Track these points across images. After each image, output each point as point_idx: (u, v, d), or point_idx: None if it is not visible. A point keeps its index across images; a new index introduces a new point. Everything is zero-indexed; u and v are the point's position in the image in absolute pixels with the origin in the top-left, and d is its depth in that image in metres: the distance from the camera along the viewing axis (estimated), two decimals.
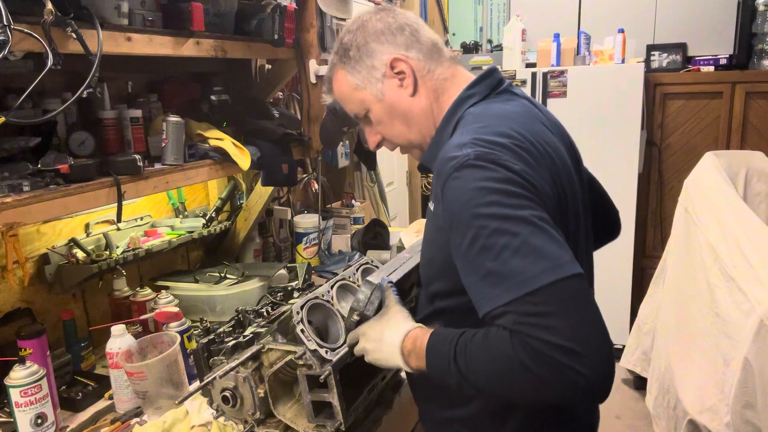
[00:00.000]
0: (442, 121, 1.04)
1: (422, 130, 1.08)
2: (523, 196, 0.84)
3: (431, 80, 1.06)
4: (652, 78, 3.81)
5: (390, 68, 1.04)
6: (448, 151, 0.91)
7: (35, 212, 1.16)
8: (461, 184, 0.86)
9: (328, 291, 1.26)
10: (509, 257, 0.80)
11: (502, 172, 0.85)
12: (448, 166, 0.89)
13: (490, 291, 0.82)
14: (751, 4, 3.67)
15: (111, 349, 1.36)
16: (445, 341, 0.90)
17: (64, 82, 1.42)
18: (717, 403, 2.09)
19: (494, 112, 0.99)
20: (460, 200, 0.86)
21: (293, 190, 2.51)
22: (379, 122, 1.09)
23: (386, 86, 1.05)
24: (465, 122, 0.99)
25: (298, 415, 1.18)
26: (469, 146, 0.89)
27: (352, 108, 1.11)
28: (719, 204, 2.57)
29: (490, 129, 0.92)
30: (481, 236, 0.83)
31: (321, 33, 1.95)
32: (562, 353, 0.75)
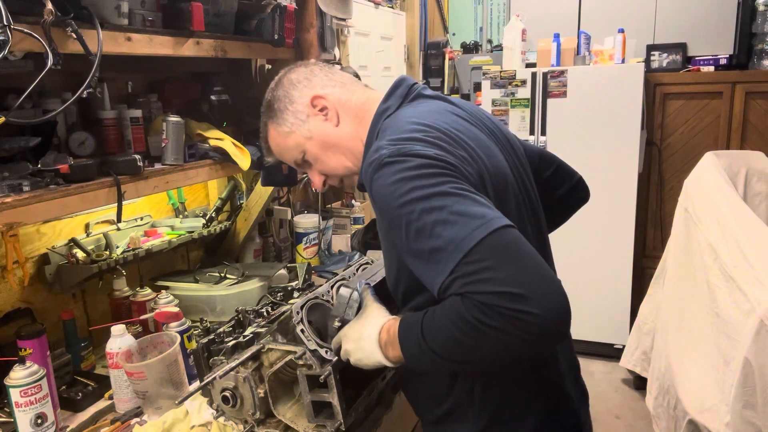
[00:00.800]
0: (366, 139, 1.11)
1: (355, 154, 1.13)
2: (440, 174, 0.88)
3: (351, 107, 1.14)
4: (652, 78, 3.81)
5: (312, 107, 1.13)
6: (367, 158, 0.97)
7: (35, 212, 1.16)
8: (381, 182, 0.91)
9: (328, 291, 1.26)
10: (441, 230, 0.84)
11: (416, 161, 0.90)
12: (369, 171, 0.94)
13: (435, 267, 0.85)
14: (751, 4, 3.67)
15: (111, 349, 1.36)
16: (412, 323, 0.92)
17: (64, 82, 1.42)
18: (717, 403, 2.09)
19: (404, 116, 1.05)
20: (385, 198, 0.91)
21: (293, 190, 2.51)
22: (316, 159, 1.16)
23: (312, 124, 1.13)
24: (381, 131, 1.05)
25: (298, 415, 1.18)
26: (383, 148, 0.94)
27: (291, 156, 1.18)
28: (719, 204, 2.57)
29: (400, 128, 0.99)
30: (411, 222, 0.87)
31: (321, 33, 1.95)
32: (508, 299, 0.78)
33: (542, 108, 3.62)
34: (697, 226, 2.59)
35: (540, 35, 3.81)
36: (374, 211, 1.00)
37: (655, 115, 3.88)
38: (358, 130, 1.13)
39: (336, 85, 1.15)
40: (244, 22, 1.73)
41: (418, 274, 0.90)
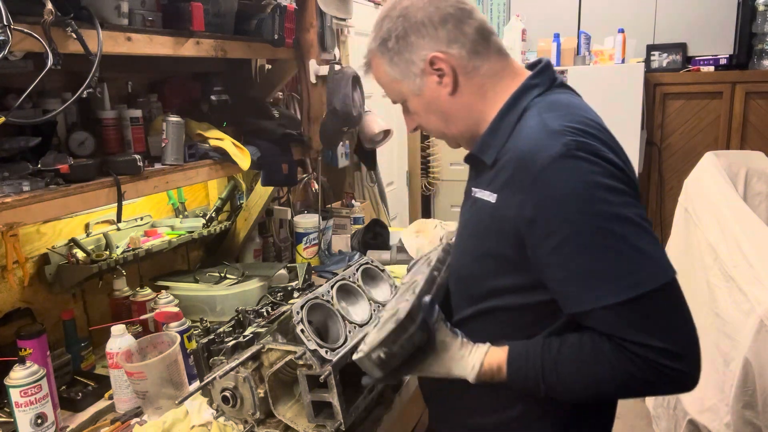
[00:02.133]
0: (501, 111, 0.97)
1: (460, 127, 1.03)
2: (625, 192, 0.82)
3: (476, 77, 0.98)
4: (652, 78, 3.81)
5: (429, 65, 0.97)
6: (535, 137, 0.87)
7: (35, 212, 1.16)
8: (565, 176, 0.82)
9: (328, 291, 1.26)
10: (614, 259, 0.79)
11: (605, 166, 0.82)
12: (543, 155, 0.83)
13: (588, 291, 0.80)
14: (751, 4, 3.67)
15: (111, 349, 1.36)
16: (528, 365, 0.88)
17: (64, 82, 1.42)
18: (717, 403, 2.09)
19: (569, 102, 0.95)
20: (563, 193, 0.82)
21: (293, 190, 2.51)
22: (415, 113, 1.05)
23: (425, 82, 0.99)
24: (539, 109, 0.93)
25: (298, 415, 1.18)
26: (565, 134, 0.84)
27: (390, 95, 1.07)
28: (719, 204, 2.57)
29: (574, 118, 0.88)
30: (582, 234, 0.80)
31: (321, 33, 1.95)
32: (667, 357, 0.77)
33: None
34: (697, 226, 2.59)
35: (540, 35, 3.81)
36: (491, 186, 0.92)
37: (655, 115, 3.88)
38: (477, 103, 1.00)
39: (465, 43, 0.96)
40: (244, 22, 1.73)
41: (553, 281, 0.85)
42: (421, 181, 4.51)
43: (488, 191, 0.94)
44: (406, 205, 4.32)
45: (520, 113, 0.95)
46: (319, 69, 1.96)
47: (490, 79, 0.99)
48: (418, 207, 4.49)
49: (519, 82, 0.98)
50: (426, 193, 4.57)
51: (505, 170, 0.91)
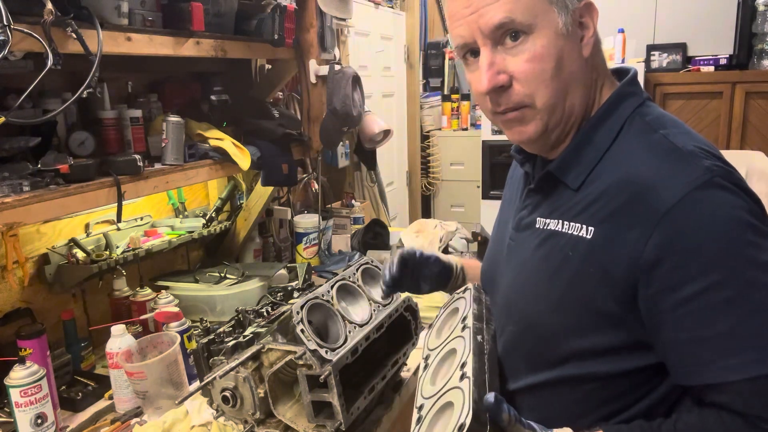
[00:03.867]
0: (596, 118, 0.80)
1: (574, 105, 0.79)
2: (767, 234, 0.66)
3: (599, 55, 0.82)
4: (652, 78, 3.81)
5: (581, 13, 0.79)
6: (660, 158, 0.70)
7: (35, 212, 1.16)
8: (706, 211, 0.65)
9: (328, 291, 1.26)
10: (764, 320, 0.64)
11: (749, 201, 0.67)
12: (677, 181, 0.67)
13: (726, 357, 0.65)
14: (751, 4, 3.67)
15: (111, 349, 1.36)
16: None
17: (64, 82, 1.42)
18: None
19: (677, 120, 0.79)
20: (705, 232, 0.65)
21: (293, 190, 2.51)
22: (535, 59, 0.75)
23: (571, 27, 0.77)
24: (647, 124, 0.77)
25: (298, 415, 1.18)
26: (701, 156, 0.68)
27: (512, 9, 0.74)
28: None
29: (701, 138, 0.73)
30: (729, 284, 0.64)
31: (321, 33, 1.95)
32: None
33: None
34: None
35: None
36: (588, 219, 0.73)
37: None
38: (591, 85, 0.81)
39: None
40: (244, 22, 1.73)
41: (667, 340, 0.68)
42: (421, 181, 4.51)
43: (577, 223, 0.76)
44: (406, 205, 4.32)
45: (619, 126, 0.78)
46: (319, 69, 1.96)
47: (602, 65, 0.83)
48: (418, 207, 4.49)
49: (614, 86, 0.83)
50: (426, 193, 4.57)
51: (611, 197, 0.73)
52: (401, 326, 1.31)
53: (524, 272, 0.85)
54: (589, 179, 0.77)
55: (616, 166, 0.75)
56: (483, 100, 0.81)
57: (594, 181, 0.77)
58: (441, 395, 0.81)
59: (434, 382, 0.90)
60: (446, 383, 0.83)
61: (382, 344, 1.28)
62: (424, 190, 4.55)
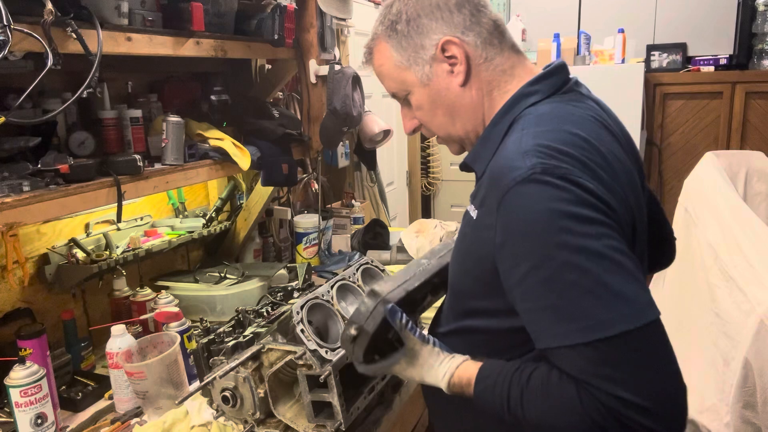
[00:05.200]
0: (495, 117, 0.92)
1: (467, 125, 0.95)
2: (597, 221, 0.74)
3: (487, 71, 0.92)
4: (652, 78, 3.81)
5: (441, 51, 0.91)
6: (507, 157, 0.81)
7: (35, 212, 1.16)
8: (526, 203, 0.75)
9: (328, 291, 1.26)
10: (578, 296, 0.72)
11: (575, 192, 0.74)
12: (508, 177, 0.77)
13: (553, 327, 0.74)
14: (751, 4, 3.67)
15: (111, 349, 1.36)
16: (495, 389, 0.82)
17: (64, 82, 1.42)
18: (717, 403, 2.09)
19: (559, 115, 0.87)
20: (524, 222, 0.75)
21: (293, 190, 2.51)
22: (419, 108, 0.97)
23: (434, 70, 0.92)
24: (524, 122, 0.86)
25: (298, 415, 1.18)
26: (533, 155, 0.77)
27: (391, 86, 0.99)
28: (719, 204, 2.57)
29: (555, 135, 0.81)
30: (544, 267, 0.73)
31: (321, 33, 1.95)
32: (636, 411, 0.69)
33: None
34: (697, 225, 2.59)
35: (540, 35, 3.81)
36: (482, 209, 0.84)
37: (655, 115, 3.88)
38: (484, 101, 0.93)
39: (481, 34, 0.91)
40: (244, 22, 1.73)
41: (521, 311, 0.79)
42: (421, 181, 4.51)
43: (473, 205, 0.89)
44: (406, 205, 4.32)
45: (509, 124, 0.89)
46: (319, 69, 1.96)
47: (500, 76, 0.93)
48: (418, 207, 4.49)
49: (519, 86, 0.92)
50: (426, 193, 4.57)
51: (484, 186, 0.85)
52: None
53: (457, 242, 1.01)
54: (486, 168, 0.89)
55: (494, 160, 0.87)
56: None
57: (487, 172, 0.89)
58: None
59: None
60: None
61: None
62: (424, 190, 4.55)
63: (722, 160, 2.95)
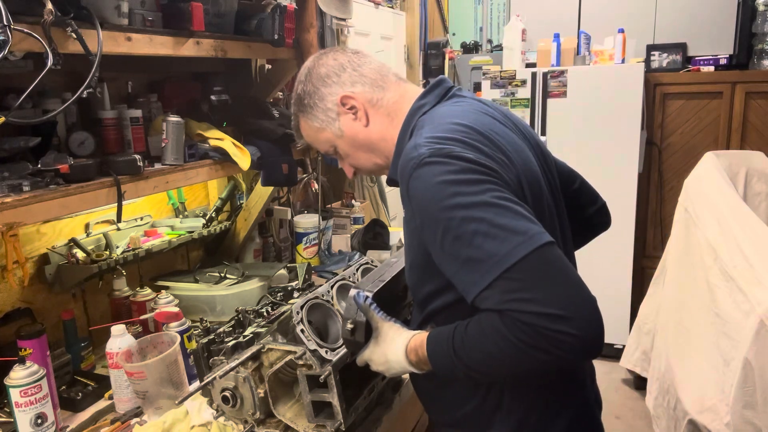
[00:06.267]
0: (400, 135, 1.10)
1: (385, 153, 1.13)
2: (482, 181, 0.88)
3: (381, 107, 1.12)
4: (652, 78, 3.81)
5: (341, 105, 1.11)
6: (405, 155, 0.96)
7: (35, 212, 1.16)
8: (421, 183, 0.90)
9: (328, 291, 1.26)
10: (481, 241, 0.84)
11: (458, 164, 0.89)
12: (407, 168, 0.93)
13: (471, 277, 0.85)
14: (751, 4, 3.67)
15: (111, 349, 1.36)
16: (442, 342, 0.93)
17: (64, 82, 1.42)
18: (717, 403, 2.09)
19: (442, 113, 1.04)
20: (424, 198, 0.90)
21: (293, 190, 2.51)
22: (347, 155, 1.17)
23: (343, 123, 1.12)
24: (417, 128, 1.03)
25: (298, 415, 1.18)
26: (423, 146, 0.92)
27: (322, 147, 1.19)
28: (719, 204, 2.57)
29: (440, 128, 0.97)
30: (450, 228, 0.86)
31: (321, 33, 1.95)
32: (549, 320, 0.79)
33: (542, 108, 3.62)
34: (697, 226, 2.59)
35: (540, 35, 3.81)
36: (405, 207, 0.99)
37: (655, 115, 3.88)
38: (388, 129, 1.12)
39: (366, 82, 1.12)
40: (244, 22, 1.73)
41: (450, 276, 0.90)
42: None
43: (404, 207, 1.01)
44: None
45: (410, 135, 1.05)
46: None
47: (394, 104, 1.12)
48: None
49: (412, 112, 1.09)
50: None
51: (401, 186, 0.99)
52: None
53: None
54: None
55: None
56: None
57: None
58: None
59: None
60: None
61: None
62: None
63: (722, 160, 2.95)
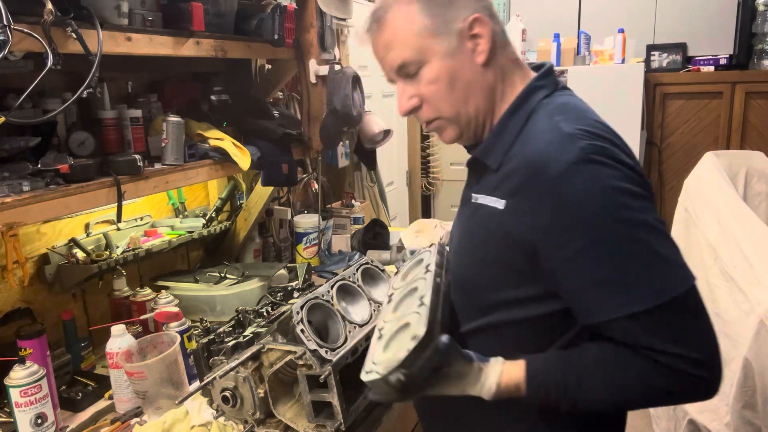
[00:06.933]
0: (509, 110, 0.93)
1: (479, 106, 0.93)
2: (643, 196, 0.80)
3: (503, 57, 0.94)
4: (652, 78, 3.81)
5: (468, 27, 0.89)
6: (549, 141, 0.83)
7: (35, 212, 1.16)
8: (584, 181, 0.78)
9: (328, 291, 1.26)
10: (637, 266, 0.77)
11: (623, 171, 0.79)
12: (560, 160, 0.80)
13: (610, 300, 0.78)
14: (751, 4, 3.67)
15: (111, 349, 1.36)
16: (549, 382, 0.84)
17: (64, 82, 1.42)
18: (717, 403, 2.09)
19: (576, 106, 0.91)
20: (582, 200, 0.78)
21: (293, 190, 2.51)
22: (434, 81, 0.91)
23: (460, 45, 0.90)
24: (549, 111, 0.89)
25: (298, 415, 1.18)
26: (580, 137, 0.81)
27: (405, 55, 0.91)
28: (719, 204, 2.57)
29: (586, 122, 0.85)
30: (603, 241, 0.77)
31: (321, 33, 1.95)
32: (691, 365, 0.76)
33: None
34: (697, 226, 2.59)
35: (540, 35, 3.81)
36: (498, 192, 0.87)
37: (655, 115, 3.88)
38: (498, 85, 0.94)
39: (500, 22, 0.94)
40: (244, 22, 1.73)
41: (569, 290, 0.82)
42: (421, 181, 4.51)
43: (494, 197, 0.89)
44: (406, 205, 4.32)
45: (527, 115, 0.91)
46: (319, 69, 1.96)
47: (511, 64, 0.95)
48: (418, 207, 4.49)
49: (526, 81, 0.95)
50: (426, 193, 4.57)
51: (516, 175, 0.86)
52: None
53: (461, 238, 1.02)
54: (505, 160, 0.91)
55: (522, 149, 0.88)
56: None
57: (508, 162, 0.90)
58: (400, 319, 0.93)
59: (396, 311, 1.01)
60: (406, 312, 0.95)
61: None
62: (424, 190, 4.55)
63: (722, 160, 2.95)
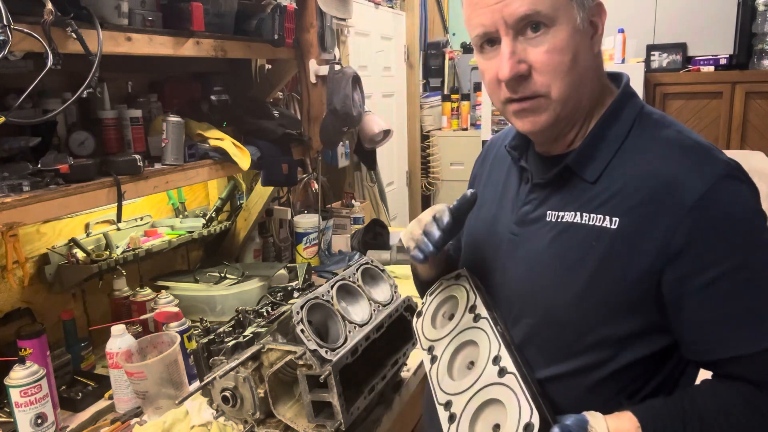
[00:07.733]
0: (607, 116, 0.84)
1: (587, 99, 0.84)
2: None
3: (600, 56, 0.88)
4: (652, 78, 3.81)
5: (591, 13, 0.81)
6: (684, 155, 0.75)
7: (35, 212, 1.16)
8: (732, 200, 0.71)
9: (328, 291, 1.26)
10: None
11: (756, 191, 0.74)
12: (703, 175, 0.72)
13: (748, 333, 0.71)
14: (751, 4, 3.67)
15: (111, 349, 1.36)
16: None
17: (64, 82, 1.42)
18: None
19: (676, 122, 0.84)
20: (730, 219, 0.71)
21: (293, 190, 2.51)
22: (556, 51, 0.77)
23: (585, 25, 0.80)
24: (665, 123, 0.82)
25: (298, 415, 1.18)
26: (717, 151, 0.75)
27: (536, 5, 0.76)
28: None
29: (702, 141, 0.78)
30: (749, 267, 0.71)
31: (321, 33, 1.95)
32: None
33: None
34: None
35: None
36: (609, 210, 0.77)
37: None
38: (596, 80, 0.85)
39: None
40: (244, 22, 1.73)
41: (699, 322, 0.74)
42: (421, 181, 4.51)
43: (598, 215, 0.79)
44: (406, 205, 4.32)
45: (631, 123, 0.82)
46: (319, 69, 1.96)
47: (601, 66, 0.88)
48: (418, 207, 4.49)
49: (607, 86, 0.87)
50: (426, 193, 4.57)
51: (635, 190, 0.77)
52: (401, 326, 1.31)
53: (538, 265, 0.86)
54: (606, 173, 0.81)
55: (634, 160, 0.79)
56: (497, 87, 0.83)
57: (611, 174, 0.80)
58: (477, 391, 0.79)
59: (454, 376, 0.88)
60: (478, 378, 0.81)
61: (382, 344, 1.28)
62: (424, 190, 4.55)
63: None
